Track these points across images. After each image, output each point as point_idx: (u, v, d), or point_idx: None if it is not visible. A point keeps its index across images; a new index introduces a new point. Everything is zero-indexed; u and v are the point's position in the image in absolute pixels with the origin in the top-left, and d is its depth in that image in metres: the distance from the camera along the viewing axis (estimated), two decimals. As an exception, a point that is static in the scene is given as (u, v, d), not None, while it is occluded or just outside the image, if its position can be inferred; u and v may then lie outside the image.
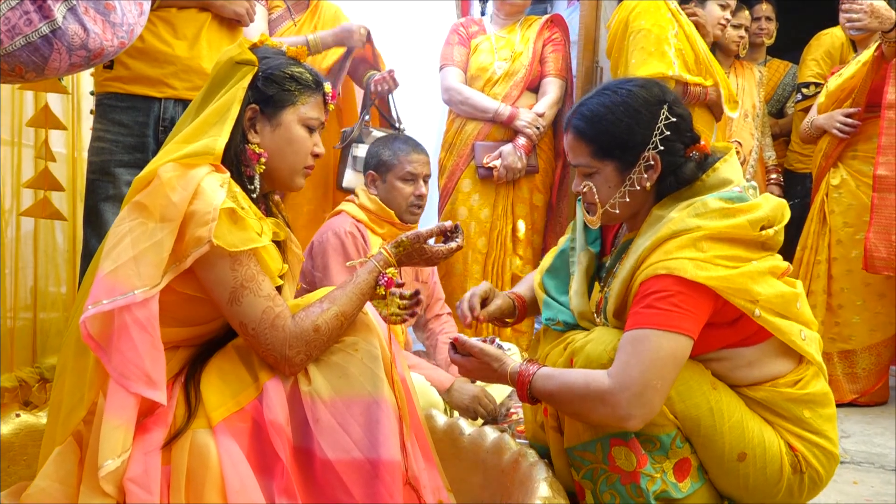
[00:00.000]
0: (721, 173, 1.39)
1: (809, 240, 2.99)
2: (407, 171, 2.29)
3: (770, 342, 1.36)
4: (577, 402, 1.30)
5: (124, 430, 1.08)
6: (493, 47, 3.08)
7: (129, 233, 1.15)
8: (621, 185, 1.40)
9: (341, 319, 1.24)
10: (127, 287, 1.11)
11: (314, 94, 1.36)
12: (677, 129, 1.38)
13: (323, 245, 2.20)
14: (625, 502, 1.33)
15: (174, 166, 1.19)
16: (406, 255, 1.37)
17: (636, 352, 1.25)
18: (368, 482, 1.15)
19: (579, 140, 1.42)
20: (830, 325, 2.87)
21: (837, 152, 2.93)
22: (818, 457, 1.36)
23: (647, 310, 1.27)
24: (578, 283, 1.53)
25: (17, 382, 2.24)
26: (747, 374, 1.36)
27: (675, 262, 1.27)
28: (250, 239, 1.20)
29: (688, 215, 1.32)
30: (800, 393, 1.36)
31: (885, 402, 2.90)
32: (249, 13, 2.24)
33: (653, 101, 1.39)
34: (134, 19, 1.63)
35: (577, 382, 1.30)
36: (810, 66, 3.41)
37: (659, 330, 1.25)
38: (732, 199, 1.34)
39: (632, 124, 1.38)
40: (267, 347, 1.20)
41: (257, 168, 1.32)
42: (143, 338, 1.10)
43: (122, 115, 2.09)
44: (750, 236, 1.32)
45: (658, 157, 1.37)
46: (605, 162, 1.40)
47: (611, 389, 1.24)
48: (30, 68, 1.45)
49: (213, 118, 1.26)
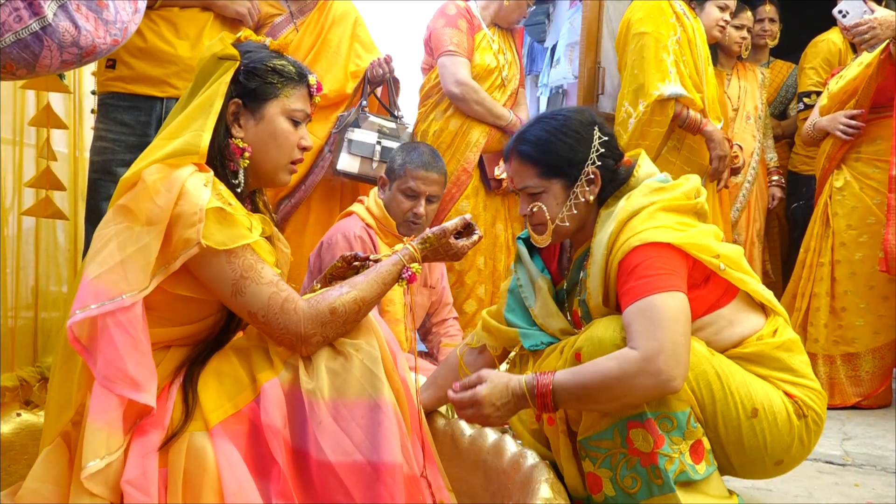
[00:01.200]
0: (644, 168, 1.56)
1: (812, 242, 2.98)
2: (409, 186, 2.24)
3: (739, 299, 1.48)
4: (614, 385, 1.27)
5: (107, 433, 1.08)
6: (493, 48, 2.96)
7: (114, 237, 1.15)
8: (567, 200, 1.53)
9: (359, 304, 1.24)
10: (115, 292, 1.11)
11: (298, 86, 1.35)
12: (608, 145, 1.54)
13: (332, 247, 2.20)
14: (647, 484, 1.34)
15: (158, 168, 1.19)
16: (432, 251, 1.39)
17: (650, 318, 1.29)
18: (369, 485, 1.15)
19: (526, 164, 1.54)
20: (834, 327, 2.87)
21: (841, 154, 2.92)
22: (813, 399, 1.44)
23: (640, 280, 1.34)
24: (547, 306, 1.57)
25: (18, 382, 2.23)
26: (731, 334, 1.45)
27: (643, 234, 1.38)
28: (240, 235, 1.19)
29: (636, 197, 1.46)
30: (780, 341, 1.46)
31: (889, 404, 2.90)
32: (252, 13, 2.24)
33: (586, 123, 1.55)
34: (128, 17, 1.62)
35: (608, 366, 1.29)
36: (809, 74, 3.41)
37: (660, 293, 1.32)
38: (661, 180, 1.52)
39: (573, 144, 1.52)
40: (281, 331, 1.20)
41: (241, 163, 1.31)
42: (124, 340, 1.10)
43: (124, 115, 2.09)
44: (689, 204, 1.49)
45: (597, 171, 1.51)
46: (552, 180, 1.53)
47: (646, 357, 1.26)
48: (20, 65, 1.45)
49: (196, 113, 1.25)
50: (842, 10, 2.66)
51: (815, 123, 3.03)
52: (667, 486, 1.32)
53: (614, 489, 1.38)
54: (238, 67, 1.30)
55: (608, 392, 1.29)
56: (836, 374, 2.82)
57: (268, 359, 1.23)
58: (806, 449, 1.45)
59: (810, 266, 2.97)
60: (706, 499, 1.35)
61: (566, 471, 1.47)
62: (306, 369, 1.20)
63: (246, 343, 1.29)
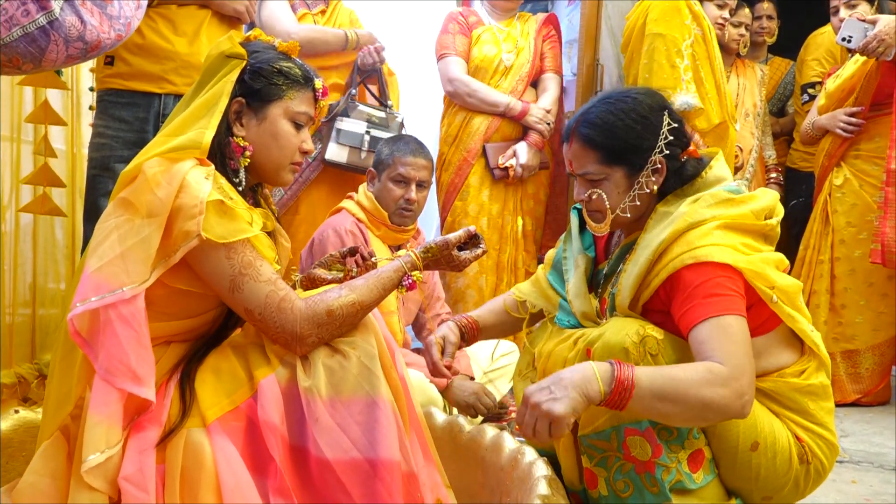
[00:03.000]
0: (716, 171, 1.45)
1: (812, 240, 2.99)
2: (399, 173, 2.24)
3: (777, 332, 1.39)
4: (700, 388, 1.18)
5: (107, 427, 1.08)
6: (498, 38, 3.01)
7: (115, 229, 1.15)
8: (630, 190, 1.43)
9: (357, 308, 1.24)
10: (115, 284, 1.11)
11: (303, 89, 1.35)
12: (677, 133, 1.44)
13: (323, 243, 2.20)
14: (639, 491, 1.33)
15: (159, 161, 1.19)
16: (433, 261, 1.39)
17: (731, 338, 1.24)
18: (367, 482, 1.14)
19: (587, 148, 1.44)
20: (834, 324, 2.87)
21: (841, 152, 2.92)
22: (822, 448, 1.39)
23: (709, 298, 1.27)
24: (578, 285, 1.54)
25: (16, 379, 2.23)
26: (757, 364, 1.36)
27: (703, 251, 1.30)
28: (241, 229, 1.19)
29: (700, 207, 1.36)
30: (804, 383, 1.38)
31: (888, 401, 2.90)
32: (249, 10, 2.24)
33: (657, 108, 1.45)
34: (131, 12, 1.63)
35: (696, 369, 1.21)
36: (812, 66, 3.41)
37: (732, 315, 1.25)
38: (732, 191, 1.40)
39: (641, 130, 1.42)
40: (277, 330, 1.20)
41: (241, 161, 1.31)
42: (127, 334, 1.10)
43: (123, 111, 2.09)
44: (756, 226, 1.38)
45: (664, 160, 1.42)
46: (615, 168, 1.43)
47: (733, 375, 1.20)
48: (27, 60, 1.45)
49: (201, 111, 1.26)
50: (845, 37, 2.71)
51: (813, 122, 3.03)
52: (662, 494, 1.31)
53: (608, 490, 1.37)
54: (244, 67, 1.30)
55: (686, 394, 1.19)
56: (835, 371, 2.82)
57: (265, 356, 1.23)
58: (800, 493, 1.41)
59: (810, 263, 2.97)
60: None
61: (564, 463, 1.47)
62: (303, 366, 1.20)
63: (243, 340, 1.29)
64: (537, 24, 3.11)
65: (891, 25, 2.60)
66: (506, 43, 3.01)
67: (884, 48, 2.62)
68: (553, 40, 3.11)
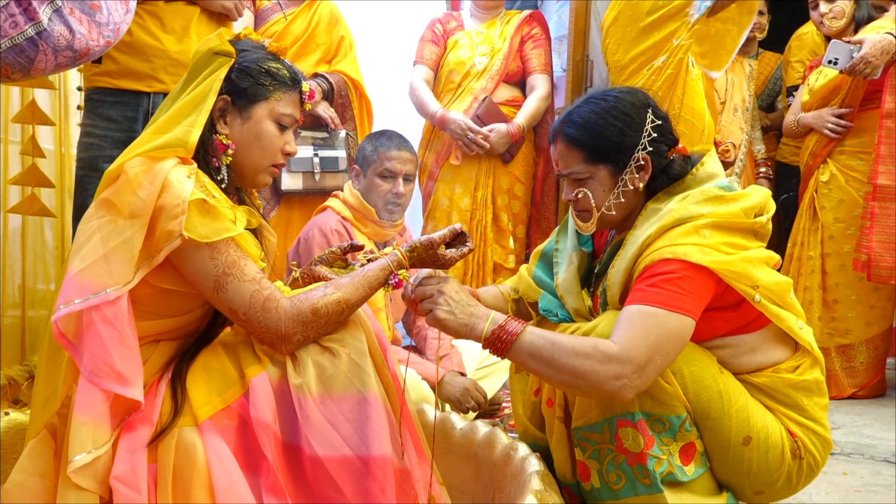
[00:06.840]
0: (708, 168, 1.45)
1: (800, 236, 3.00)
2: (385, 168, 2.25)
3: (769, 328, 1.40)
4: (575, 358, 1.23)
5: (93, 427, 1.07)
6: (473, 42, 3.11)
7: (98, 230, 1.14)
8: (615, 188, 1.44)
9: (343, 306, 1.23)
10: (98, 286, 1.10)
11: (290, 90, 1.35)
12: (662, 130, 1.44)
13: (309, 242, 2.19)
14: (631, 483, 1.34)
15: (141, 160, 1.18)
16: (419, 260, 1.38)
17: (643, 326, 1.25)
18: (359, 479, 1.14)
19: (571, 147, 1.46)
20: (827, 320, 2.89)
21: (826, 152, 2.93)
22: (815, 444, 1.40)
23: (654, 288, 1.28)
24: (570, 281, 1.54)
25: (6, 380, 2.22)
26: (749, 361, 1.39)
27: (680, 248, 1.30)
28: (224, 228, 1.19)
29: (689, 204, 1.37)
30: (798, 379, 1.39)
31: (883, 394, 2.92)
32: (238, 8, 2.23)
33: (639, 105, 1.45)
34: (120, 18, 1.62)
35: (584, 341, 1.26)
36: (796, 68, 3.42)
37: (665, 309, 1.26)
38: (723, 188, 1.40)
39: (623, 128, 1.43)
40: (262, 329, 1.20)
41: (224, 159, 1.30)
42: (111, 335, 1.09)
43: (111, 110, 2.08)
44: (745, 224, 1.37)
45: (648, 157, 1.42)
46: (599, 166, 1.44)
47: (618, 355, 1.22)
48: (16, 69, 1.46)
49: (188, 108, 1.25)
50: (831, 60, 2.72)
51: (798, 119, 3.03)
52: (654, 486, 1.32)
53: (600, 482, 1.38)
54: (232, 65, 1.30)
55: (567, 360, 1.24)
56: (831, 366, 2.84)
57: (255, 354, 1.23)
58: (792, 488, 1.42)
59: (799, 260, 2.99)
60: (693, 497, 1.35)
61: (557, 456, 1.47)
62: (294, 364, 1.20)
63: (233, 338, 1.28)
64: (517, 23, 3.15)
65: (877, 47, 2.62)
66: (480, 46, 3.11)
67: (871, 69, 2.65)
68: (536, 39, 3.14)
